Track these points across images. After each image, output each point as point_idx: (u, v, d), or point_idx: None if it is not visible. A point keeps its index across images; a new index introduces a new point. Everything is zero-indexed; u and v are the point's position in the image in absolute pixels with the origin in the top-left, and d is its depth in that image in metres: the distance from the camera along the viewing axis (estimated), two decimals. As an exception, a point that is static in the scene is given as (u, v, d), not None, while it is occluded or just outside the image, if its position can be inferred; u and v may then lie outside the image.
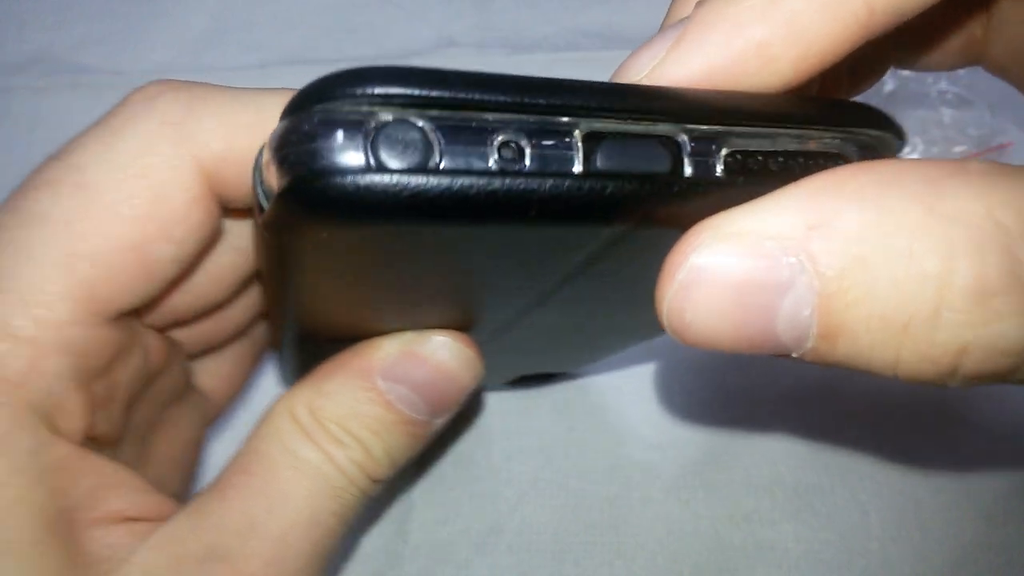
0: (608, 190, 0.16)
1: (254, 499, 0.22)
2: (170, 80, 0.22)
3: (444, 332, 0.24)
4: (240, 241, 0.25)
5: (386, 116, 0.16)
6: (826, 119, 0.19)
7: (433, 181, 0.15)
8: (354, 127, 0.15)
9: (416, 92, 0.16)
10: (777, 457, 0.35)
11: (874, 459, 0.35)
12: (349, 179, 0.15)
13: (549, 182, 0.16)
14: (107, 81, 0.47)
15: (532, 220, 0.16)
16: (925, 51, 0.26)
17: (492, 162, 0.16)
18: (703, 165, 0.17)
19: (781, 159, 0.18)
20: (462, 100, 0.16)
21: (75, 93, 0.47)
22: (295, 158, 0.16)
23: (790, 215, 0.15)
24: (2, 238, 0.20)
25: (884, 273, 0.14)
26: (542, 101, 0.17)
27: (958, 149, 0.43)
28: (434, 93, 0.16)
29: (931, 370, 0.14)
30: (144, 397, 0.26)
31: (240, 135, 0.21)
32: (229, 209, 0.23)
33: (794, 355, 0.15)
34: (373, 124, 0.15)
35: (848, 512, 0.34)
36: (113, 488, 0.22)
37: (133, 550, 0.21)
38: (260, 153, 0.17)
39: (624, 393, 0.38)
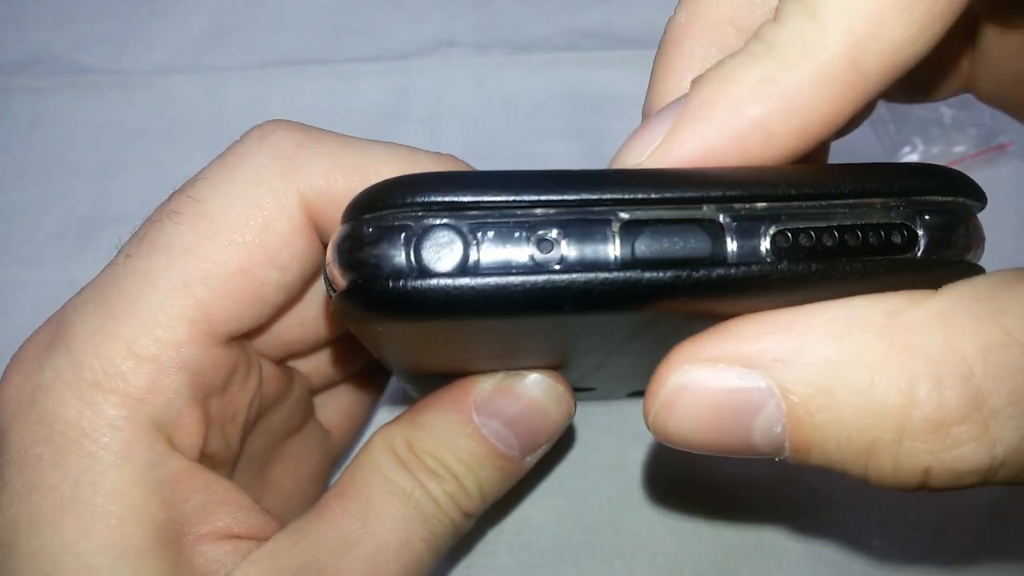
0: (644, 281, 0.16)
1: (350, 520, 0.23)
2: (285, 120, 0.23)
3: (537, 371, 0.25)
4: None
5: (428, 221, 0.16)
6: (885, 187, 0.17)
7: (471, 283, 0.16)
8: (399, 233, 0.16)
9: (455, 198, 0.16)
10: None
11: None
12: (393, 285, 0.16)
13: (584, 276, 0.16)
14: (107, 81, 0.47)
15: (571, 311, 0.17)
16: (913, 86, 0.27)
17: (528, 259, 0.16)
18: (747, 247, 0.17)
19: (836, 235, 0.17)
20: (498, 202, 0.16)
21: (75, 93, 0.47)
22: (350, 263, 0.17)
23: (760, 345, 0.16)
24: (131, 266, 0.22)
25: (848, 403, 0.15)
26: (575, 197, 0.17)
27: (958, 149, 0.43)
28: (469, 198, 0.16)
29: (899, 485, 0.16)
30: (261, 426, 0.27)
31: (339, 176, 0.22)
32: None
33: (776, 459, 0.17)
34: (416, 229, 0.16)
35: (848, 512, 0.34)
36: (222, 505, 0.23)
37: (236, 566, 0.22)
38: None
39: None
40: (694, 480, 0.35)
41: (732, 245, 0.17)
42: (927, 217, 0.17)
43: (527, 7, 0.50)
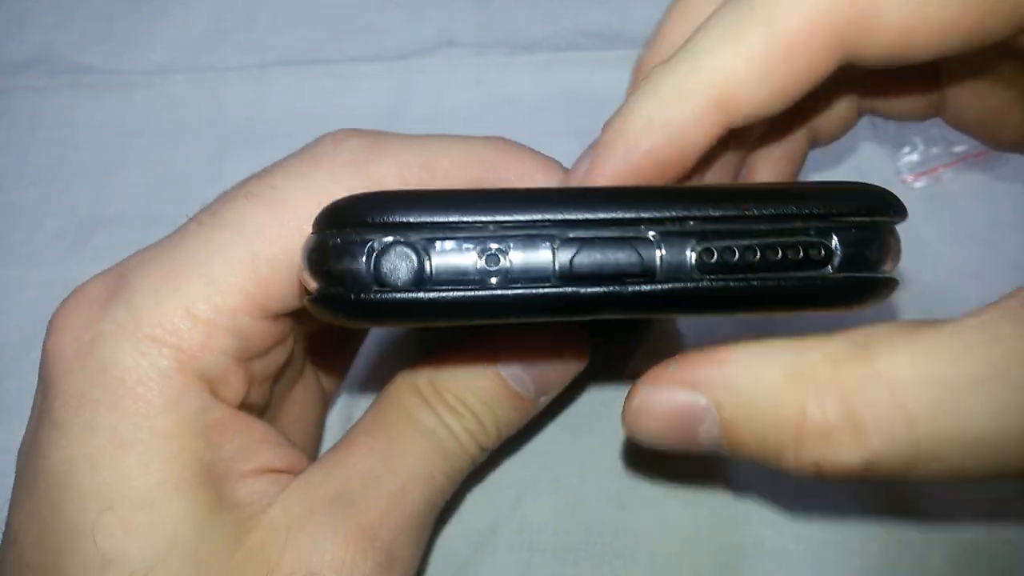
0: (579, 294, 0.19)
1: (377, 455, 0.26)
2: (355, 128, 0.26)
3: None
4: None
5: (387, 238, 0.18)
6: (806, 207, 0.20)
7: (424, 296, 0.18)
8: (360, 249, 0.18)
9: (411, 218, 0.18)
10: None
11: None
12: (355, 297, 0.18)
13: (525, 290, 0.18)
14: (107, 81, 0.47)
15: (515, 318, 0.19)
16: (891, 105, 0.30)
17: (476, 272, 0.18)
18: (675, 263, 0.19)
19: (758, 251, 0.19)
20: (450, 222, 0.18)
21: (75, 93, 0.47)
22: (317, 271, 0.19)
23: (701, 373, 0.21)
24: (203, 234, 0.24)
25: (760, 417, 0.21)
26: (520, 217, 0.19)
27: (958, 149, 0.43)
28: (424, 218, 0.18)
29: (802, 474, 0.21)
30: (278, 380, 0.29)
31: (409, 174, 0.25)
32: None
33: (718, 454, 0.22)
34: (376, 246, 0.18)
35: (848, 512, 0.34)
36: (261, 443, 0.25)
37: (276, 496, 0.24)
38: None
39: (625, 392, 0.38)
40: (695, 481, 0.35)
41: (660, 261, 0.19)
42: (842, 235, 0.20)
43: (527, 7, 0.50)
